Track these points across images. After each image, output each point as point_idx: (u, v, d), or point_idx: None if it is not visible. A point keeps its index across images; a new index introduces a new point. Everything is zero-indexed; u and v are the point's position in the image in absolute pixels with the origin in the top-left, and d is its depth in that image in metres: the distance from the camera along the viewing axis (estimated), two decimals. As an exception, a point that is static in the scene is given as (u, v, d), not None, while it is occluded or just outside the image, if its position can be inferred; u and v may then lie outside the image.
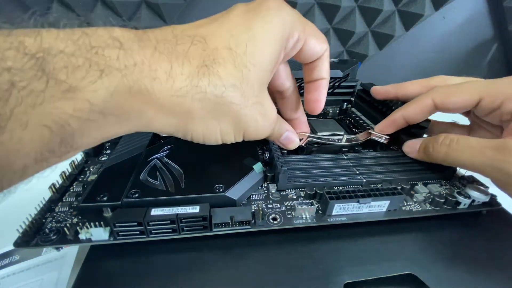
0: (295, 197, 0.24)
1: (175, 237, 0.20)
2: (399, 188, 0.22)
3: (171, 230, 0.20)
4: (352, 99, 0.40)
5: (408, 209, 0.23)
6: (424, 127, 0.28)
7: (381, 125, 0.28)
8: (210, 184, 0.22)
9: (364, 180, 0.25)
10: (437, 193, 0.24)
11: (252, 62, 0.17)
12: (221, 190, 0.21)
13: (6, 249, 0.26)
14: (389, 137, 0.28)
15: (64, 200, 0.23)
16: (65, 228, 0.19)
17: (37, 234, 0.20)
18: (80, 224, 0.19)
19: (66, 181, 0.24)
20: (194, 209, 0.20)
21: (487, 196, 0.23)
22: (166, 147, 0.27)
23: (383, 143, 0.28)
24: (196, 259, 0.20)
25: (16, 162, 0.12)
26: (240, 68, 0.16)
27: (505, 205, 0.24)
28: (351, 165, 0.26)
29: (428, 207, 0.23)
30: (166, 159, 0.25)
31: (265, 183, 0.25)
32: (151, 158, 0.25)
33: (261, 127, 0.19)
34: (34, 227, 0.20)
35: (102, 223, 0.19)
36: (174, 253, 0.21)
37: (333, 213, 0.22)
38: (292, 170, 0.24)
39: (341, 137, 0.29)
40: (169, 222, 0.19)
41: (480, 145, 0.21)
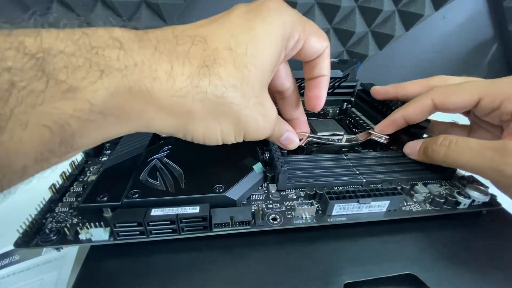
0: (295, 197, 0.24)
1: (175, 237, 0.20)
2: (399, 188, 0.22)
3: (171, 230, 0.20)
4: (352, 99, 0.40)
5: (408, 209, 0.23)
6: (424, 127, 0.28)
7: (381, 125, 0.28)
8: (210, 184, 0.22)
9: (364, 180, 0.25)
10: (437, 193, 0.24)
11: (253, 63, 0.17)
12: (221, 190, 0.21)
13: (6, 249, 0.26)
14: (389, 137, 0.28)
15: (64, 201, 0.23)
16: (65, 229, 0.19)
17: (37, 235, 0.20)
18: (80, 225, 0.19)
19: (66, 182, 0.24)
20: (194, 209, 0.20)
21: (487, 196, 0.23)
22: (166, 148, 0.27)
23: (383, 143, 0.28)
24: (196, 259, 0.20)
25: (16, 162, 0.12)
26: (241, 69, 0.16)
27: (505, 205, 0.24)
28: (351, 165, 0.26)
29: (428, 207, 0.23)
30: (166, 159, 0.25)
31: (265, 183, 0.25)
32: (151, 159, 0.25)
33: (262, 128, 0.19)
34: (34, 228, 0.20)
35: (102, 224, 0.19)
36: (174, 253, 0.21)
37: (333, 213, 0.22)
38: (292, 170, 0.24)
39: (341, 137, 0.29)
40: (169, 223, 0.19)
41: (480, 147, 0.21)
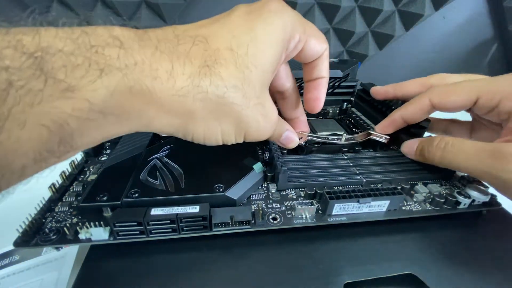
0: (295, 197, 0.24)
1: (175, 237, 0.20)
2: (399, 188, 0.22)
3: (171, 230, 0.20)
4: (352, 99, 0.40)
5: (408, 209, 0.23)
6: (424, 127, 0.28)
7: (381, 125, 0.28)
8: (210, 184, 0.22)
9: (364, 180, 0.25)
10: (437, 193, 0.24)
11: (254, 63, 0.17)
12: (221, 190, 0.21)
13: (6, 249, 0.26)
14: (389, 137, 0.28)
15: (64, 200, 0.23)
16: (65, 228, 0.19)
17: (37, 234, 0.20)
18: (80, 224, 0.19)
19: (66, 181, 0.24)
20: (194, 209, 0.20)
21: (487, 196, 0.23)
22: (166, 147, 0.27)
23: (383, 143, 0.28)
24: (196, 259, 0.20)
25: (15, 162, 0.12)
26: (242, 69, 0.16)
27: (505, 205, 0.24)
28: (351, 165, 0.26)
29: (428, 207, 0.23)
30: (166, 159, 0.25)
31: (265, 183, 0.25)
32: (151, 158, 0.25)
33: (263, 128, 0.19)
34: (34, 227, 0.20)
35: (102, 223, 0.19)
36: (174, 253, 0.21)
37: (333, 213, 0.22)
38: (292, 170, 0.24)
39: (341, 137, 0.29)
40: (169, 222, 0.19)
41: (475, 150, 0.21)
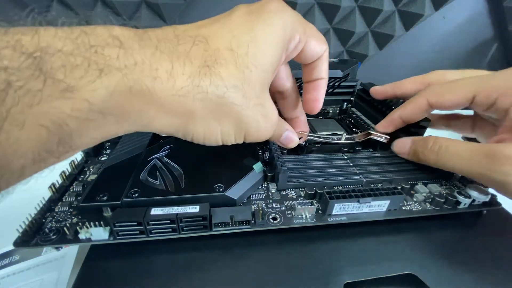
0: (295, 197, 0.24)
1: (175, 237, 0.20)
2: (399, 188, 0.22)
3: (171, 230, 0.20)
4: (352, 99, 0.39)
5: (408, 209, 0.23)
6: (424, 127, 0.28)
7: (380, 125, 0.28)
8: (210, 184, 0.22)
9: (364, 180, 0.25)
10: (437, 193, 0.24)
11: (254, 63, 0.17)
12: (221, 190, 0.21)
13: (6, 249, 0.26)
14: (389, 137, 0.28)
15: (64, 200, 0.23)
16: (65, 228, 0.19)
17: (37, 234, 0.20)
18: (80, 224, 0.19)
19: (66, 181, 0.24)
20: (194, 209, 0.20)
21: (487, 196, 0.23)
22: (166, 147, 0.27)
23: (383, 143, 0.28)
24: (196, 259, 0.20)
25: (14, 163, 0.12)
26: (242, 69, 0.16)
27: (505, 205, 0.24)
28: (351, 165, 0.26)
29: (428, 207, 0.23)
30: (166, 159, 0.25)
31: (265, 183, 0.25)
32: (151, 158, 0.25)
33: (263, 129, 0.19)
34: (34, 227, 0.20)
35: (102, 223, 0.19)
36: (174, 253, 0.21)
37: (333, 213, 0.22)
38: (292, 170, 0.24)
39: (341, 137, 0.29)
40: (169, 222, 0.19)
41: (469, 153, 0.21)
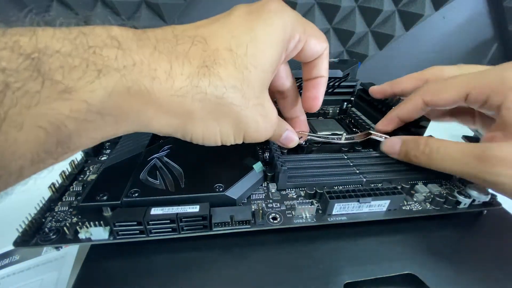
0: (295, 197, 0.24)
1: (175, 237, 0.20)
2: (399, 188, 0.22)
3: (171, 230, 0.20)
4: (352, 99, 0.40)
5: (408, 209, 0.23)
6: (424, 127, 0.28)
7: (380, 125, 0.29)
8: (210, 184, 0.22)
9: (364, 180, 0.25)
10: (437, 193, 0.24)
11: (253, 64, 0.16)
12: (221, 190, 0.21)
13: (6, 249, 0.25)
14: (389, 136, 0.28)
15: (64, 200, 0.23)
16: (65, 228, 0.19)
17: (37, 234, 0.20)
18: (80, 224, 0.19)
19: (66, 181, 0.24)
20: (194, 209, 0.20)
21: (487, 196, 0.23)
22: (166, 147, 0.27)
23: (383, 143, 0.28)
24: (196, 259, 0.20)
25: (12, 164, 0.12)
26: (241, 70, 0.16)
27: (505, 205, 0.24)
28: (351, 165, 0.26)
29: (428, 207, 0.23)
30: (166, 159, 0.25)
31: (265, 183, 0.25)
32: (151, 158, 0.25)
33: (262, 129, 0.19)
34: (34, 227, 0.20)
35: (102, 223, 0.19)
36: (174, 253, 0.21)
37: (333, 213, 0.22)
38: (292, 170, 0.24)
39: (341, 136, 0.29)
40: (169, 222, 0.19)
41: (461, 154, 0.21)
